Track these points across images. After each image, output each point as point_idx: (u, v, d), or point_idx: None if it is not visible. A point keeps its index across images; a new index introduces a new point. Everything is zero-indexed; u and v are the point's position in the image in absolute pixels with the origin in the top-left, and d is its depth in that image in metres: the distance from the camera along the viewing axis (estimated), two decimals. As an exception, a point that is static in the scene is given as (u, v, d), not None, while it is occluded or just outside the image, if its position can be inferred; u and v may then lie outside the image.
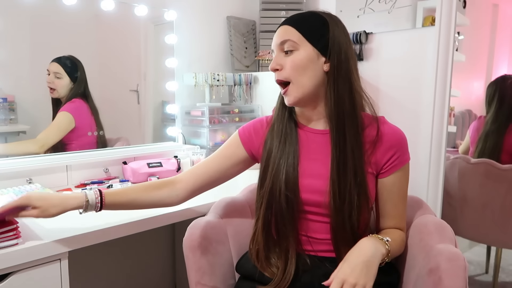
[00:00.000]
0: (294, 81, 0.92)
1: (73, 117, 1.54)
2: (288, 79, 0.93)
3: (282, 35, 0.94)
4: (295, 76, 0.92)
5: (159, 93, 1.84)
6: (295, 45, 0.91)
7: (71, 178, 1.46)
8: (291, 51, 0.92)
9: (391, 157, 0.94)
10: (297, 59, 0.91)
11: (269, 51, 1.98)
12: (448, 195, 1.97)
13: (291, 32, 0.92)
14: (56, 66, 1.48)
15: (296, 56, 0.91)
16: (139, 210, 1.18)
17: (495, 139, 2.03)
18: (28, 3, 1.39)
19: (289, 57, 0.92)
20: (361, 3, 1.77)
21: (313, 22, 0.93)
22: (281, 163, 0.96)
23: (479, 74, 3.18)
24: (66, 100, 1.52)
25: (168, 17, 1.78)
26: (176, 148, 1.78)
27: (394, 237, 0.94)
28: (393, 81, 1.65)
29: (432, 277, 0.83)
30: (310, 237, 0.96)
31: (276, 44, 0.95)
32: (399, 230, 0.98)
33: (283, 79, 0.93)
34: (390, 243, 0.89)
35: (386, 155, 0.94)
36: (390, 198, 0.97)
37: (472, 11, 2.57)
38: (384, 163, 0.95)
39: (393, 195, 0.97)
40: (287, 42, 0.92)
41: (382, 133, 0.94)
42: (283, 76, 0.93)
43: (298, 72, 0.91)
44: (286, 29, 0.94)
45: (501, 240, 1.89)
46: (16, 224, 0.90)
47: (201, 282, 1.00)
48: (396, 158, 0.94)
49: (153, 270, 1.82)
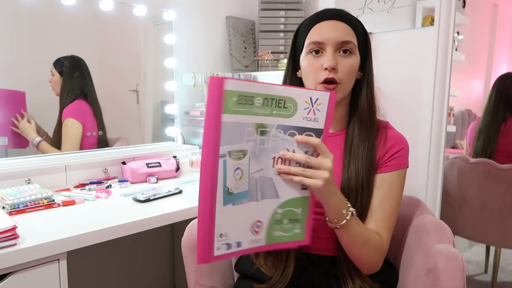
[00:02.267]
0: (343, 83, 0.91)
1: (79, 122, 1.55)
2: (340, 81, 0.90)
3: (343, 34, 0.90)
4: (346, 80, 0.91)
5: (159, 93, 1.84)
6: (353, 49, 0.91)
7: (70, 178, 1.46)
8: (350, 53, 0.90)
9: (391, 155, 0.94)
10: (354, 64, 0.91)
11: (268, 51, 1.98)
12: (448, 195, 1.98)
13: (351, 34, 0.91)
14: (51, 65, 1.49)
15: (353, 60, 0.91)
16: (138, 210, 1.18)
17: (485, 135, 2.04)
18: (27, 3, 1.39)
19: (346, 59, 0.90)
20: (360, 3, 1.77)
21: (362, 31, 0.94)
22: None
23: (478, 73, 3.17)
24: (66, 99, 1.52)
25: (167, 17, 1.78)
26: (175, 148, 1.78)
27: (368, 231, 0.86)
28: (392, 81, 1.65)
29: (430, 277, 0.83)
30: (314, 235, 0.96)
31: (335, 40, 0.89)
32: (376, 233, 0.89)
33: (338, 81, 0.89)
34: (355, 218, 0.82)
35: (387, 153, 0.94)
36: (376, 195, 0.91)
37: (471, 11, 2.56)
38: (383, 159, 0.94)
39: (380, 193, 0.91)
40: (350, 44, 0.90)
41: (389, 136, 0.96)
42: (338, 78, 0.89)
43: (349, 76, 0.91)
44: (347, 29, 0.91)
45: (500, 239, 1.89)
46: (14, 225, 0.90)
47: (199, 282, 1.00)
48: (395, 158, 0.94)
49: (152, 270, 1.82)
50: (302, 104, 0.71)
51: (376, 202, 0.91)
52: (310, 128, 0.72)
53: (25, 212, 1.15)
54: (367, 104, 0.95)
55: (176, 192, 1.37)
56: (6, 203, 1.13)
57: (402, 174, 0.94)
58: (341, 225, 0.80)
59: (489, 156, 2.00)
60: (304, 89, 0.77)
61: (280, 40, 2.04)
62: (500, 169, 1.82)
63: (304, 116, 0.71)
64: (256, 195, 0.70)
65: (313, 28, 0.92)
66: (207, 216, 0.65)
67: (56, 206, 1.21)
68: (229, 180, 0.66)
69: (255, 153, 0.69)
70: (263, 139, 0.69)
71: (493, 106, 2.06)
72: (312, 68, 0.91)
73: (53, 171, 1.42)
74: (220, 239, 0.67)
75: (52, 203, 1.20)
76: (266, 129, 0.68)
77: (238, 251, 0.70)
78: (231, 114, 0.63)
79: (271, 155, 0.70)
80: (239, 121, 0.65)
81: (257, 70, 2.12)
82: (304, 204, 0.76)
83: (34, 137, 1.45)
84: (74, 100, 1.54)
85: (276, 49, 2.03)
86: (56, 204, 1.21)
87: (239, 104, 0.64)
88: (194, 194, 1.39)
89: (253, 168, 0.69)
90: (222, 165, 0.65)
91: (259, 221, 0.71)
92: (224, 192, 0.66)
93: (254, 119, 0.66)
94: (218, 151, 0.64)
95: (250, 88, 0.65)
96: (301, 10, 2.02)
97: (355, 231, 0.83)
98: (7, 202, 1.13)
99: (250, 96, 0.65)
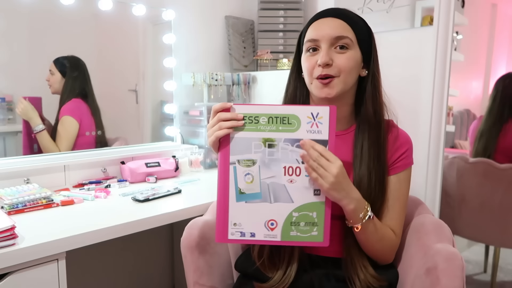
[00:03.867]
0: (340, 77, 0.91)
1: (76, 120, 1.55)
2: (336, 75, 0.90)
3: (338, 29, 0.90)
4: (344, 73, 0.91)
5: (158, 93, 1.84)
6: (350, 44, 0.90)
7: (69, 178, 1.46)
8: (346, 48, 0.90)
9: (399, 156, 0.96)
10: (351, 58, 0.91)
11: (267, 51, 1.98)
12: (447, 194, 1.98)
13: (347, 29, 0.91)
14: (51, 64, 1.49)
15: (350, 55, 0.91)
16: (137, 210, 1.18)
17: (488, 136, 2.04)
18: (26, 3, 1.39)
19: (343, 54, 0.90)
20: (359, 3, 1.77)
21: (363, 27, 0.94)
22: None
23: (478, 73, 3.18)
24: (65, 99, 1.52)
25: (166, 17, 1.78)
26: (174, 148, 1.78)
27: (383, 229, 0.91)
28: (391, 80, 1.64)
29: (430, 276, 0.83)
30: None
31: (329, 36, 0.90)
32: (390, 230, 0.94)
33: (334, 75, 0.90)
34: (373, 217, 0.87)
35: (395, 154, 0.96)
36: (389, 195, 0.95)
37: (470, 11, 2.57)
38: (392, 160, 0.96)
39: (392, 194, 0.95)
40: (345, 39, 0.90)
41: (395, 135, 0.97)
42: (333, 72, 0.90)
43: (347, 71, 0.91)
44: (342, 24, 0.91)
45: (499, 239, 1.89)
46: (12, 224, 0.90)
47: (199, 282, 1.00)
48: (403, 158, 0.96)
49: (152, 270, 1.82)
50: (305, 119, 0.81)
51: (390, 202, 0.95)
52: (315, 140, 0.82)
53: (24, 212, 1.14)
54: (372, 102, 0.95)
55: (175, 191, 1.36)
56: (5, 203, 1.13)
57: (409, 172, 0.98)
58: (357, 226, 0.86)
59: (489, 156, 2.01)
60: (304, 106, 0.84)
61: (279, 40, 2.03)
62: (499, 169, 1.82)
63: (308, 129, 0.82)
64: (268, 198, 0.83)
65: (310, 27, 0.94)
66: (222, 207, 0.83)
67: (55, 206, 1.20)
68: (240, 182, 0.83)
69: (264, 162, 0.82)
70: (271, 151, 0.82)
71: (497, 107, 2.05)
72: (308, 65, 0.93)
73: (52, 171, 1.42)
74: (234, 227, 0.83)
75: (51, 203, 1.20)
76: (274, 143, 0.82)
77: (252, 240, 0.85)
78: (240, 131, 0.81)
79: (281, 164, 0.83)
80: (247, 136, 0.81)
81: (256, 70, 2.11)
82: (319, 208, 0.84)
83: (38, 123, 1.45)
84: (71, 98, 1.54)
85: (275, 49, 2.03)
86: (55, 204, 1.20)
87: (246, 123, 0.81)
88: (193, 194, 1.39)
89: (264, 175, 0.83)
90: (232, 170, 0.82)
91: (273, 219, 0.84)
92: (236, 191, 0.83)
93: (261, 135, 0.82)
94: (228, 159, 0.82)
95: (255, 110, 0.81)
96: (300, 10, 2.02)
97: (371, 231, 0.88)
98: (5, 202, 1.13)
99: (255, 116, 0.81)
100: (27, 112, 1.43)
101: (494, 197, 1.85)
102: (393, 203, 0.95)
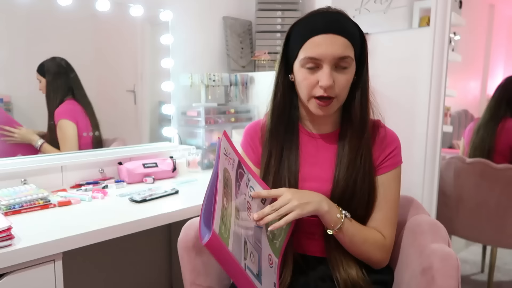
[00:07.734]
0: (338, 98, 0.90)
1: (72, 122, 1.54)
2: (336, 96, 0.89)
3: (341, 49, 0.86)
4: (342, 94, 0.90)
5: (156, 94, 1.84)
6: (350, 63, 0.88)
7: (66, 179, 1.46)
8: (346, 68, 0.88)
9: (387, 155, 0.95)
10: (350, 78, 0.89)
11: (265, 52, 1.98)
12: (444, 194, 1.98)
13: (349, 48, 0.87)
14: (36, 73, 1.47)
15: (349, 74, 0.89)
16: (135, 211, 1.18)
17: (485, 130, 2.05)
18: (24, 4, 1.39)
19: (343, 75, 0.87)
20: (356, 4, 1.77)
21: (358, 37, 0.90)
22: (281, 168, 0.96)
23: (475, 74, 3.19)
24: (56, 101, 1.52)
25: (164, 18, 1.78)
26: (171, 149, 1.78)
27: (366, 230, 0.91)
28: (388, 81, 1.66)
29: (425, 276, 0.83)
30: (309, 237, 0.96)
31: (332, 57, 0.85)
32: (377, 232, 0.92)
33: (334, 96, 0.88)
34: (349, 219, 0.88)
35: (383, 153, 0.95)
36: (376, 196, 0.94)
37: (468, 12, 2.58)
38: (379, 160, 0.95)
39: (380, 194, 0.94)
40: (347, 59, 0.86)
41: (382, 135, 0.96)
42: (334, 93, 0.88)
43: (345, 90, 0.90)
44: (345, 43, 0.86)
45: (496, 239, 1.89)
46: (9, 225, 0.90)
47: (196, 282, 1.00)
48: (390, 157, 0.95)
49: (149, 271, 1.82)
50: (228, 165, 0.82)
51: (378, 203, 0.94)
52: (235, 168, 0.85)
53: (21, 212, 1.14)
54: (360, 107, 0.93)
55: (173, 192, 1.37)
56: (2, 203, 1.13)
57: (398, 172, 0.96)
58: (338, 228, 0.87)
59: (487, 152, 2.02)
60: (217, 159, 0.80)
61: (277, 40, 2.04)
62: (496, 169, 1.83)
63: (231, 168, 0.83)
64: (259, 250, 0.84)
65: (309, 42, 0.87)
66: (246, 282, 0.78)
67: (52, 207, 1.20)
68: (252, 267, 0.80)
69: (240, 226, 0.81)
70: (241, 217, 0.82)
71: (495, 102, 2.08)
72: (308, 83, 0.89)
73: (49, 172, 1.42)
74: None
75: (48, 204, 1.20)
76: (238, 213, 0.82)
77: None
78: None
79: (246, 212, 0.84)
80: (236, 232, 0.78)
81: (254, 71, 2.12)
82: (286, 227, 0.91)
83: (37, 140, 1.46)
84: (63, 100, 1.53)
85: (273, 50, 2.03)
86: (52, 204, 1.21)
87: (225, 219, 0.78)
88: (190, 194, 1.39)
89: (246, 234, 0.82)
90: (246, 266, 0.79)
91: (269, 254, 0.87)
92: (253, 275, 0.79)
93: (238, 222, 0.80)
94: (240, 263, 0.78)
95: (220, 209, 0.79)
96: (298, 11, 2.02)
97: (352, 232, 0.88)
98: (2, 203, 1.13)
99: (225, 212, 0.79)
100: (25, 137, 1.44)
101: (491, 197, 1.85)
102: (381, 204, 0.94)
